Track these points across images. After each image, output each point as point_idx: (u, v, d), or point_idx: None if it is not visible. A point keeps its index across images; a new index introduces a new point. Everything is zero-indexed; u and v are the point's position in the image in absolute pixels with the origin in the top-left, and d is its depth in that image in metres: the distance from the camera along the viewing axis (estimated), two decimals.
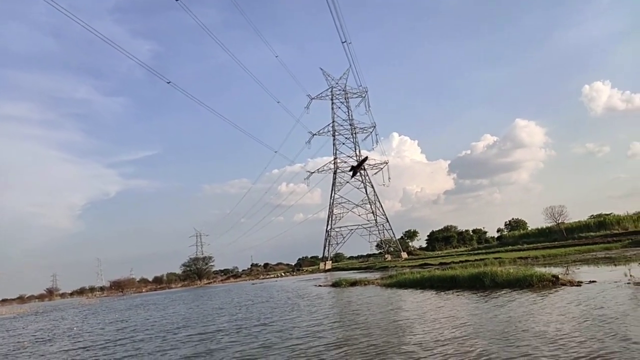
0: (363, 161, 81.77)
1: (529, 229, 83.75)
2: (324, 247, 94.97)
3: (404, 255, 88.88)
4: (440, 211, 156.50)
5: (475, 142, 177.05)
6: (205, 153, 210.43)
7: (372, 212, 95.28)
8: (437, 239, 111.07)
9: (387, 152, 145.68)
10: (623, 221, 59.41)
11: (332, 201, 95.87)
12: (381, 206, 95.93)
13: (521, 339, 8.63)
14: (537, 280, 16.70)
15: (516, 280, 17.44)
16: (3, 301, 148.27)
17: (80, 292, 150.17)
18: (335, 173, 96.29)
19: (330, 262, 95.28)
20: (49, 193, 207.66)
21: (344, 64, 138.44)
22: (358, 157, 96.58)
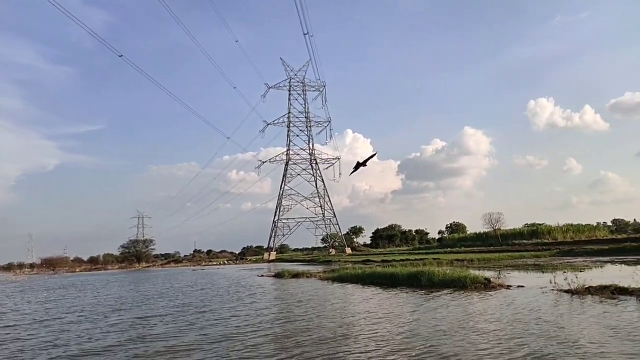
0: (371, 157, 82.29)
1: (468, 233, 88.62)
2: (270, 238, 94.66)
3: (348, 250, 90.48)
4: (387, 210, 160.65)
5: (425, 146, 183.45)
6: (154, 133, 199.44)
7: (321, 207, 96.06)
8: (382, 237, 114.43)
9: (340, 148, 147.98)
10: (554, 232, 64.37)
11: (281, 192, 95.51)
12: (330, 201, 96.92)
13: (458, 335, 8.98)
14: (470, 282, 17.56)
15: (451, 281, 18.29)
16: None
17: (8, 268, 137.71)
18: (287, 164, 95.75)
19: (275, 253, 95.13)
20: None
21: (304, 57, 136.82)
22: (311, 151, 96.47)
